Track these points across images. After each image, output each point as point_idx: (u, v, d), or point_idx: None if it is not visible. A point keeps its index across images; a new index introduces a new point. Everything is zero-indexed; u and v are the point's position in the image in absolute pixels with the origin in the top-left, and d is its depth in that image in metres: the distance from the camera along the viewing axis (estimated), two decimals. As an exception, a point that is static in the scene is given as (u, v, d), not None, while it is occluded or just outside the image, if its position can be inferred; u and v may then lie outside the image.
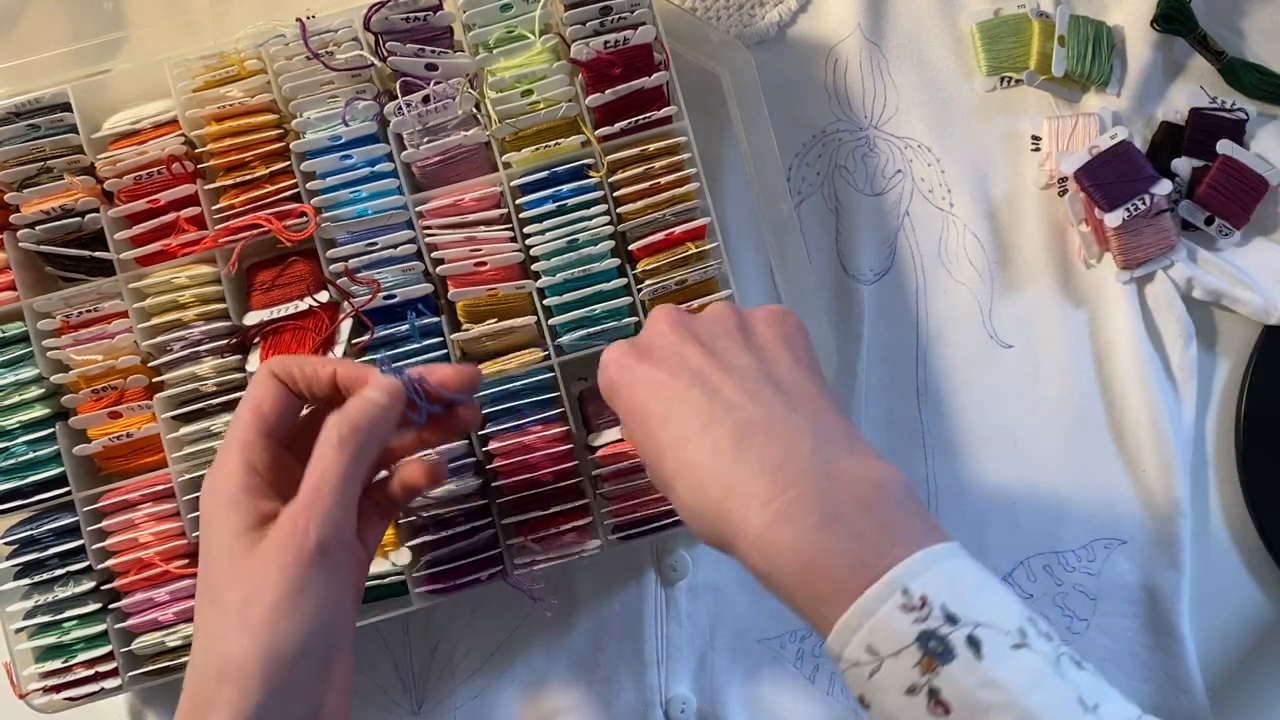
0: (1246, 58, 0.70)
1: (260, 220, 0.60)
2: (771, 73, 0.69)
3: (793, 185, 0.70)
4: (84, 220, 0.60)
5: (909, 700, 0.37)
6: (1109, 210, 0.66)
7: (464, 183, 0.61)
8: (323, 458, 0.45)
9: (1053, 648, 0.38)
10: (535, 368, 0.61)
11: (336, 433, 0.46)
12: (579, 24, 0.60)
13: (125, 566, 0.60)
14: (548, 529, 0.61)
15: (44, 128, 0.61)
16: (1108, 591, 0.68)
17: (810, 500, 0.40)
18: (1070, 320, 0.70)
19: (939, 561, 0.39)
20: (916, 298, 0.70)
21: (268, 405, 0.48)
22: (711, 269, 0.61)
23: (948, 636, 0.37)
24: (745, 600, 0.68)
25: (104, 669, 0.60)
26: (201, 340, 0.60)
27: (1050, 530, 0.69)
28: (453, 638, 0.67)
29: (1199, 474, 0.70)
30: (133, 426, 0.60)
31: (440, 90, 0.60)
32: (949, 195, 0.70)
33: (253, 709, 0.42)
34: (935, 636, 0.37)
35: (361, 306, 0.60)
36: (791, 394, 0.44)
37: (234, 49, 0.61)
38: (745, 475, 0.41)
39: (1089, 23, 0.70)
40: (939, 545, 0.39)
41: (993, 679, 0.36)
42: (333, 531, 0.44)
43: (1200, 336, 0.70)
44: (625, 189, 0.61)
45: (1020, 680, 0.36)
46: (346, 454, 0.45)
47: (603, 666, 0.67)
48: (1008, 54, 0.70)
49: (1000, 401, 0.69)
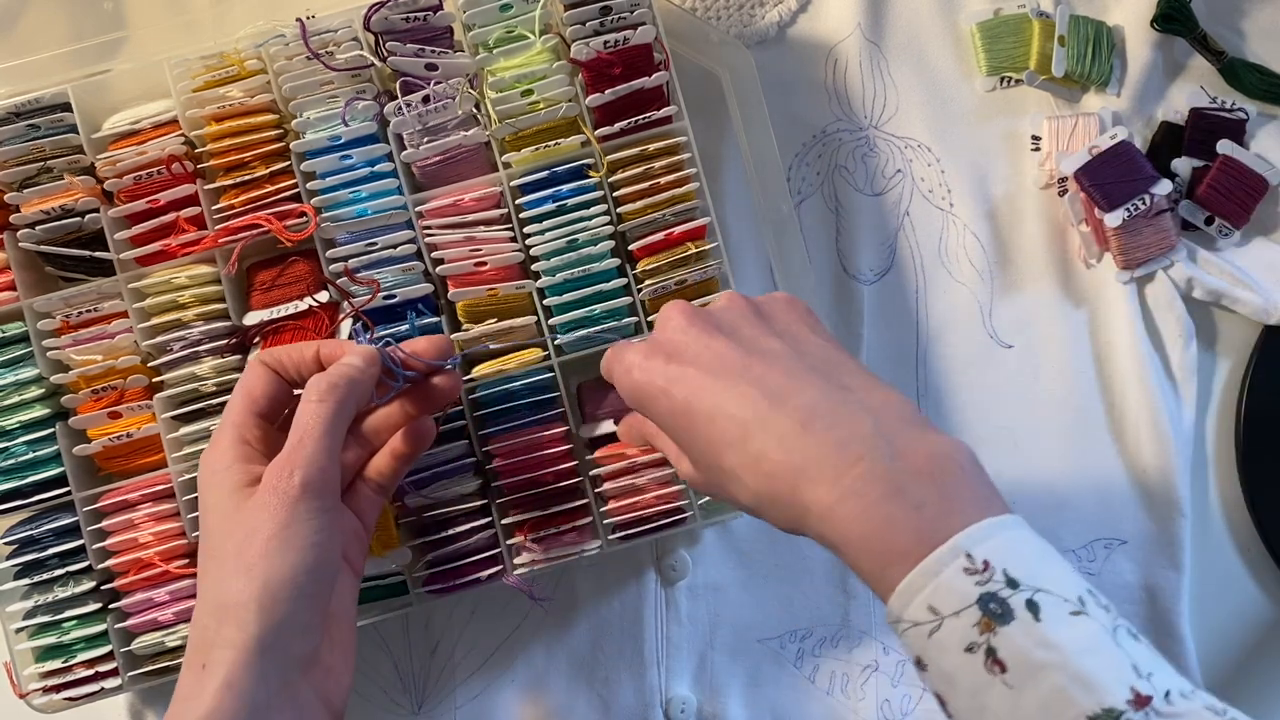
0: (1246, 58, 0.70)
1: (260, 220, 0.60)
2: (771, 73, 0.69)
3: (793, 185, 0.70)
4: (84, 220, 0.60)
5: (967, 658, 0.37)
6: (1109, 210, 0.66)
7: (464, 183, 0.61)
8: (303, 413, 0.48)
9: (1110, 618, 0.38)
10: (535, 368, 0.61)
11: (316, 390, 0.49)
12: (579, 24, 0.60)
13: (125, 566, 0.60)
14: (548, 529, 0.61)
15: (44, 128, 0.61)
16: (1108, 591, 0.68)
17: (876, 474, 0.41)
18: (1070, 320, 0.70)
19: (1002, 530, 0.39)
20: (916, 298, 0.70)
21: (259, 390, 0.51)
22: (711, 269, 0.61)
23: (1008, 599, 0.37)
24: (745, 600, 0.68)
25: (104, 669, 0.60)
26: (201, 340, 0.60)
27: (1050, 530, 0.69)
28: (453, 638, 0.67)
29: (1199, 474, 0.70)
30: (132, 426, 0.60)
31: (440, 90, 0.60)
32: (949, 195, 0.70)
33: (252, 640, 0.44)
34: (995, 599, 0.37)
35: (361, 306, 0.60)
36: (834, 373, 0.45)
37: (234, 49, 0.61)
38: (815, 457, 0.42)
39: (1089, 23, 0.70)
40: (1003, 515, 0.40)
41: (1049, 640, 0.37)
42: (316, 474, 0.46)
43: (1200, 336, 0.70)
44: (625, 189, 0.61)
45: (1076, 644, 0.37)
46: (326, 408, 0.48)
47: (603, 666, 0.67)
48: (1008, 54, 0.70)
49: (1000, 401, 0.69)
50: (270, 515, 0.45)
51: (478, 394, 0.61)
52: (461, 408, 0.61)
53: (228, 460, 0.48)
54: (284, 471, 0.46)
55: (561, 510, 0.61)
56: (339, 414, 0.48)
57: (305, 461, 0.46)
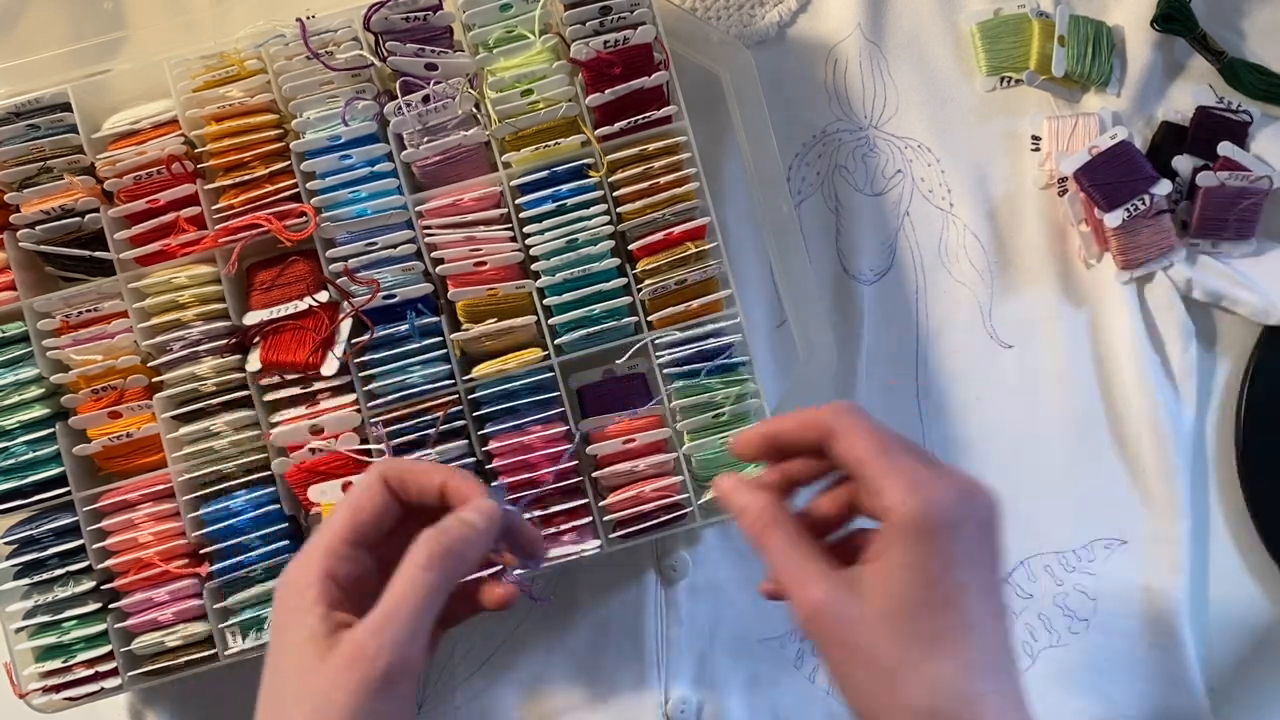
0: (1246, 58, 0.70)
1: (260, 220, 0.60)
2: (771, 73, 0.69)
3: (793, 185, 0.70)
4: (84, 220, 0.60)
5: None
6: (1109, 210, 0.66)
7: (464, 183, 0.61)
8: (407, 577, 0.43)
9: None
10: (535, 367, 0.61)
11: (426, 552, 0.44)
12: (579, 24, 0.60)
13: (125, 566, 0.60)
14: (548, 529, 0.61)
15: (44, 128, 0.61)
16: (1108, 591, 0.68)
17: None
18: (1070, 320, 0.70)
19: None
20: (916, 298, 0.70)
21: (367, 514, 0.46)
22: (711, 269, 0.61)
23: None
24: (745, 600, 0.68)
25: (104, 669, 0.60)
26: (201, 340, 0.60)
27: (1050, 530, 0.69)
28: (453, 638, 0.67)
29: (1199, 474, 0.70)
30: (132, 426, 0.60)
31: (440, 90, 0.60)
32: (949, 195, 0.70)
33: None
34: None
35: (361, 306, 0.60)
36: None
37: (234, 49, 0.61)
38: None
39: (1089, 23, 0.70)
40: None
41: None
42: (400, 661, 0.42)
43: (1200, 337, 0.70)
44: (625, 189, 0.61)
45: None
46: (431, 575, 0.43)
47: (603, 666, 0.67)
48: (1008, 54, 0.70)
49: (1000, 401, 0.69)
50: (347, 696, 0.41)
51: (478, 394, 0.61)
52: (461, 408, 0.61)
53: (311, 598, 0.44)
54: (369, 648, 0.42)
55: (561, 510, 0.61)
56: (443, 583, 0.44)
57: (393, 643, 0.42)
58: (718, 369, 0.61)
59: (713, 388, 0.61)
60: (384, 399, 0.60)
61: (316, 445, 0.60)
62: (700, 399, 0.61)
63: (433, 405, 0.60)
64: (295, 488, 0.60)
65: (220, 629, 0.60)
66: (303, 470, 0.60)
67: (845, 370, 0.69)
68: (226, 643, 0.60)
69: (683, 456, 0.62)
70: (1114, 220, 0.66)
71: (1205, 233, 0.69)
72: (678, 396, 0.61)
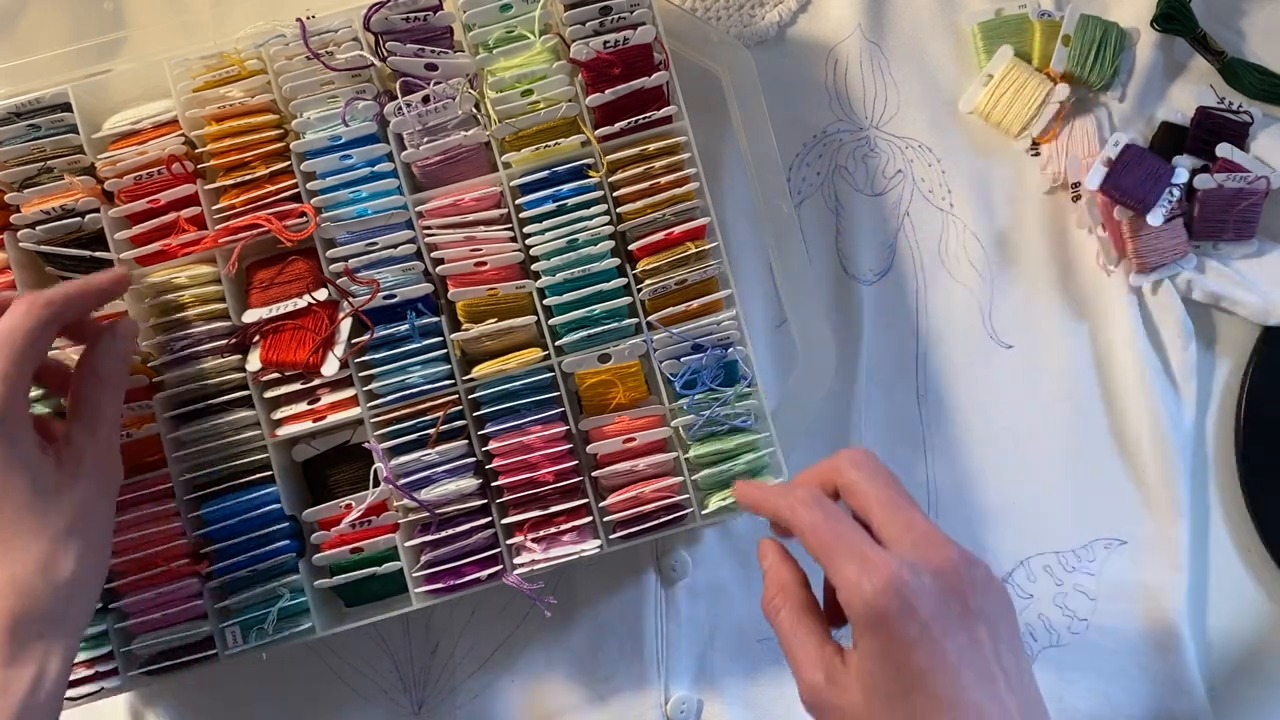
0: (1246, 58, 0.70)
1: (260, 220, 0.60)
2: (771, 73, 0.69)
3: (793, 185, 0.70)
4: (84, 220, 0.60)
5: None
6: (1147, 212, 0.66)
7: (464, 183, 0.61)
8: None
9: None
10: (535, 367, 0.61)
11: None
12: (579, 24, 0.60)
13: (125, 566, 0.60)
14: (548, 529, 0.61)
15: (44, 128, 0.61)
16: (1108, 591, 0.68)
17: None
18: (1070, 321, 0.70)
19: None
20: (916, 298, 0.70)
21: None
22: (711, 269, 0.61)
23: None
24: (745, 600, 0.68)
25: (104, 669, 0.60)
26: (201, 340, 0.60)
27: (1050, 530, 0.69)
28: (453, 638, 0.67)
29: (1199, 474, 0.70)
30: (132, 427, 0.60)
31: (440, 90, 0.60)
32: (949, 195, 0.70)
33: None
34: None
35: (361, 306, 0.60)
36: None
37: (234, 49, 0.61)
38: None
39: (1098, 23, 0.69)
40: None
41: None
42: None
43: (1200, 337, 0.70)
44: (625, 189, 0.61)
45: None
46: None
47: (603, 666, 0.67)
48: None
49: (1000, 402, 0.69)
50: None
51: (478, 394, 0.61)
52: (461, 407, 0.61)
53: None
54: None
55: (561, 510, 0.61)
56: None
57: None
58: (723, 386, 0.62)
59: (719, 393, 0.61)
60: (384, 399, 0.60)
61: (353, 520, 0.61)
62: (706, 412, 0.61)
63: (433, 405, 0.60)
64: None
65: (220, 629, 0.60)
66: (343, 541, 0.62)
67: (845, 370, 0.69)
68: (226, 643, 0.60)
69: (683, 458, 0.62)
70: (1156, 219, 0.67)
71: (1205, 234, 0.69)
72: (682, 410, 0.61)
